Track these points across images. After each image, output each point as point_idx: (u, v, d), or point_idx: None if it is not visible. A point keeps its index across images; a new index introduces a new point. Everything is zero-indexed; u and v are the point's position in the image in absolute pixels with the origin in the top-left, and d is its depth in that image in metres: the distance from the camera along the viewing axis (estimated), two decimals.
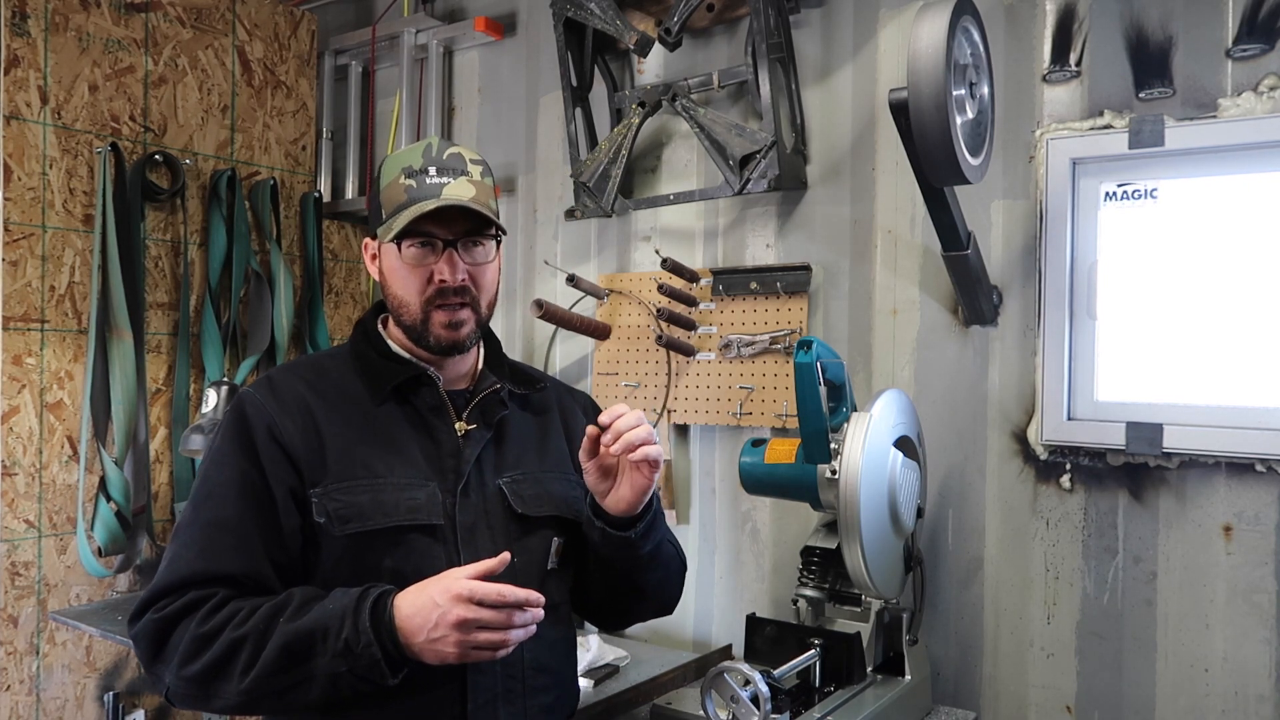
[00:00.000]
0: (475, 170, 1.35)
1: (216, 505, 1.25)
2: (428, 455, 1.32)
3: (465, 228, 1.32)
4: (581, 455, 1.30)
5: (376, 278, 1.39)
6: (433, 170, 1.32)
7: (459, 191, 1.31)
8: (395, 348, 1.39)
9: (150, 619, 1.20)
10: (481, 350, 1.45)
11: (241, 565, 1.22)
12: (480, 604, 1.13)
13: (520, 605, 1.15)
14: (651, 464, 1.26)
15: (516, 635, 1.16)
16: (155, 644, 1.19)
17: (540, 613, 1.18)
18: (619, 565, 1.38)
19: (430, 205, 1.28)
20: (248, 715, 1.22)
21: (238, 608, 1.18)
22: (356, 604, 1.16)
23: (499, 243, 1.38)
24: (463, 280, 1.32)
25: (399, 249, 1.31)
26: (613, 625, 1.60)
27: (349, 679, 1.14)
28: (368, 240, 1.40)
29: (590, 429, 1.27)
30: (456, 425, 1.35)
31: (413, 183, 1.31)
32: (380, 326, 1.42)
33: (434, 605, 1.14)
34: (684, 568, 1.53)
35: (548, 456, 1.44)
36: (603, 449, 1.26)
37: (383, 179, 1.35)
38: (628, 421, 1.25)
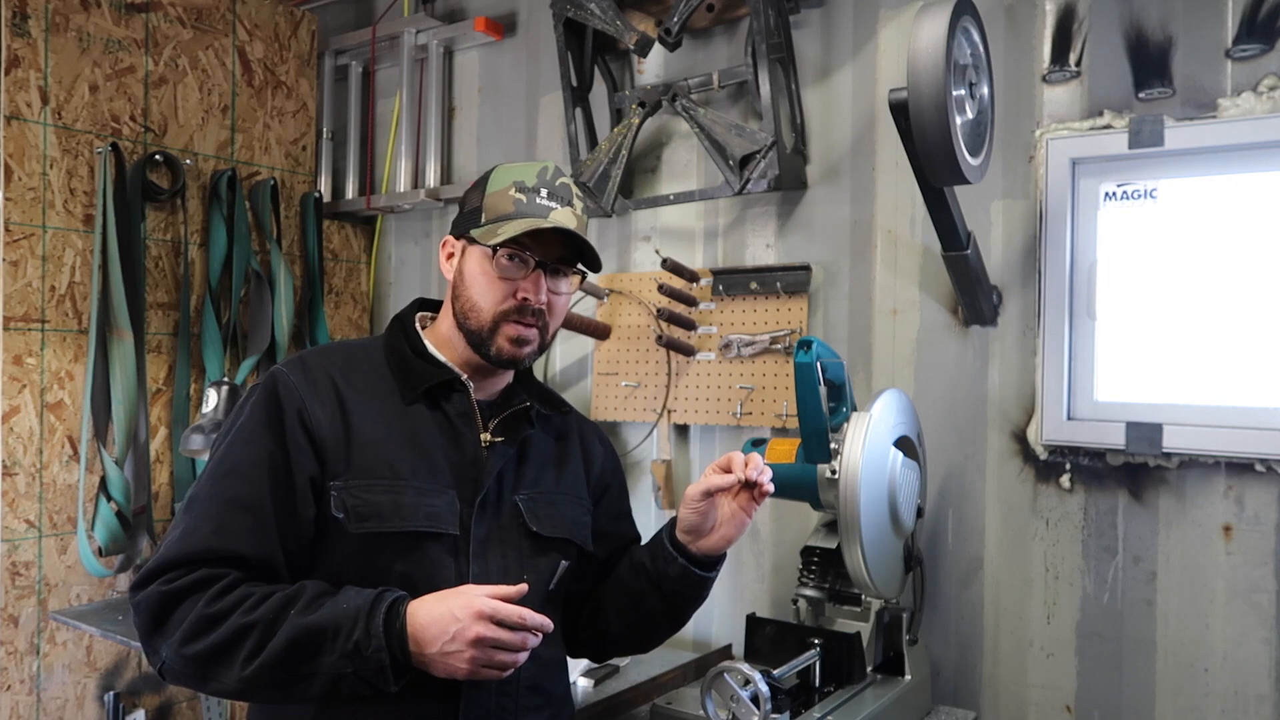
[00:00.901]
0: (578, 205, 1.37)
1: (238, 483, 1.23)
2: (451, 462, 1.32)
3: (560, 254, 1.34)
4: (696, 491, 1.33)
5: (449, 276, 1.38)
6: (544, 192, 1.33)
7: (564, 219, 1.33)
8: (431, 349, 1.38)
9: (157, 589, 1.17)
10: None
11: (255, 548, 1.21)
12: (500, 624, 1.14)
13: (535, 630, 1.16)
14: (759, 498, 1.35)
15: (522, 658, 1.17)
16: (158, 616, 1.17)
17: (540, 637, 1.19)
18: (682, 599, 1.42)
19: (543, 224, 1.29)
20: (242, 701, 1.22)
21: (248, 593, 1.17)
22: (371, 606, 1.16)
23: (583, 278, 1.40)
24: (543, 303, 1.33)
25: (493, 255, 1.31)
26: (618, 655, 1.62)
27: (352, 680, 1.14)
28: (448, 238, 1.40)
29: (718, 479, 1.32)
30: (483, 436, 1.35)
31: (523, 197, 1.32)
32: (418, 325, 1.42)
33: (453, 619, 1.14)
34: None
35: (565, 479, 1.44)
36: (727, 488, 1.33)
37: (490, 185, 1.35)
38: (753, 460, 1.33)
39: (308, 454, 1.25)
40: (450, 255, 1.39)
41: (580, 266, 1.38)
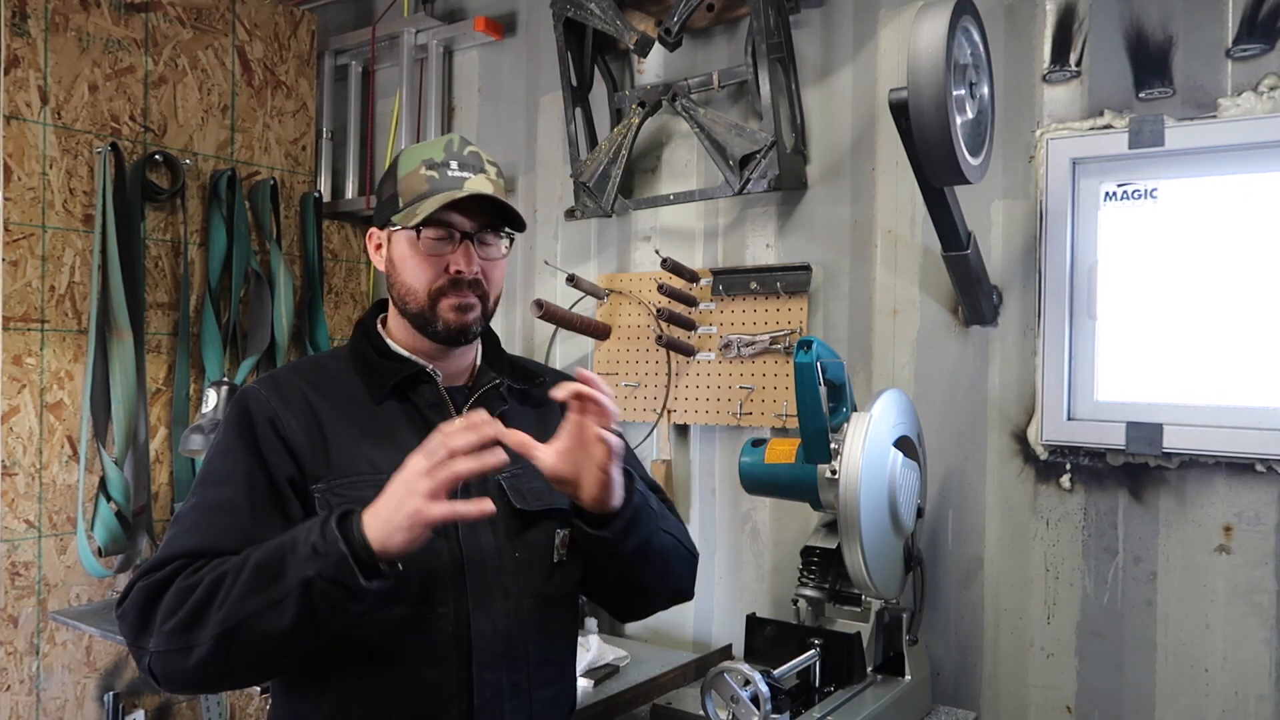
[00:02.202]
0: (491, 170, 1.37)
1: (216, 490, 1.25)
2: None
3: (484, 221, 1.33)
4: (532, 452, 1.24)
5: (381, 267, 1.39)
6: (454, 164, 1.33)
7: (480, 186, 1.32)
8: (394, 346, 1.39)
9: (140, 586, 1.18)
10: (480, 347, 1.46)
11: (236, 544, 1.20)
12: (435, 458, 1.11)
13: (489, 438, 1.11)
14: (605, 444, 1.19)
15: (488, 460, 1.12)
16: (143, 612, 1.17)
17: (503, 456, 1.14)
18: (605, 563, 1.35)
19: (458, 194, 1.29)
20: (226, 661, 1.14)
21: (225, 558, 1.17)
22: (325, 516, 1.15)
23: (511, 241, 1.39)
24: (476, 273, 1.33)
25: (417, 236, 1.31)
26: (626, 617, 1.56)
27: (321, 585, 1.10)
28: (373, 230, 1.40)
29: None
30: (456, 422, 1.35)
31: (434, 174, 1.32)
32: (380, 326, 1.43)
33: (397, 482, 1.12)
34: (692, 557, 1.48)
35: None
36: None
37: (400, 169, 1.35)
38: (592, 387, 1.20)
39: (284, 457, 1.27)
40: (379, 247, 1.39)
41: (507, 230, 1.36)
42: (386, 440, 1.31)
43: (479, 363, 1.44)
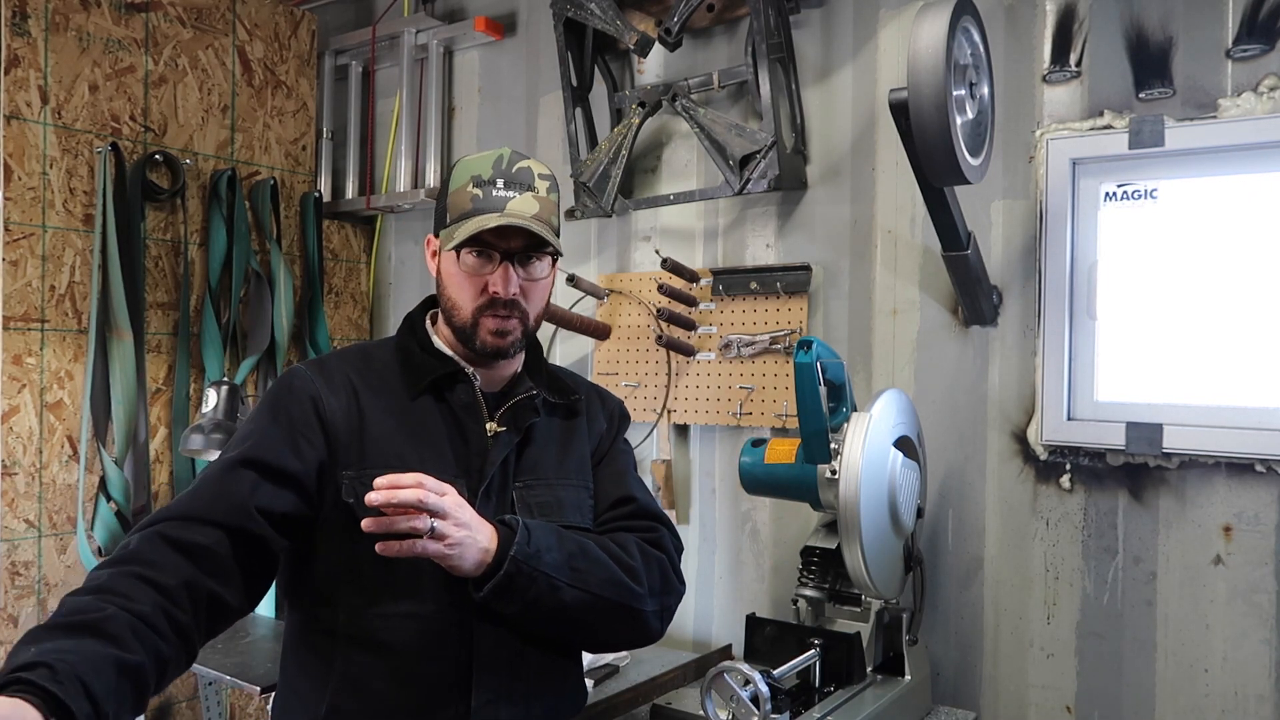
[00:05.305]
0: (542, 186, 1.37)
1: (220, 459, 1.27)
2: (457, 452, 1.35)
3: (523, 243, 1.34)
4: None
5: (434, 274, 1.42)
6: (500, 183, 1.34)
7: (522, 207, 1.33)
8: (439, 344, 1.41)
9: (131, 535, 1.18)
10: (522, 356, 1.46)
11: (222, 514, 1.20)
12: None
13: None
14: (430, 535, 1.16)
15: None
16: (105, 561, 1.16)
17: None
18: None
19: (492, 222, 1.30)
20: None
21: (78, 604, 1.08)
22: None
23: (555, 260, 1.40)
24: (515, 294, 1.34)
25: (458, 256, 1.34)
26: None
27: None
28: (430, 236, 1.42)
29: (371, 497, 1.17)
30: (488, 426, 1.37)
31: (479, 192, 1.33)
32: (428, 322, 1.45)
33: None
34: (631, 610, 1.36)
35: (567, 463, 1.45)
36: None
37: (452, 183, 1.37)
38: (403, 481, 1.16)
39: (318, 437, 1.29)
40: (434, 255, 1.42)
41: (551, 248, 1.36)
42: (419, 436, 1.34)
43: (519, 370, 1.45)
